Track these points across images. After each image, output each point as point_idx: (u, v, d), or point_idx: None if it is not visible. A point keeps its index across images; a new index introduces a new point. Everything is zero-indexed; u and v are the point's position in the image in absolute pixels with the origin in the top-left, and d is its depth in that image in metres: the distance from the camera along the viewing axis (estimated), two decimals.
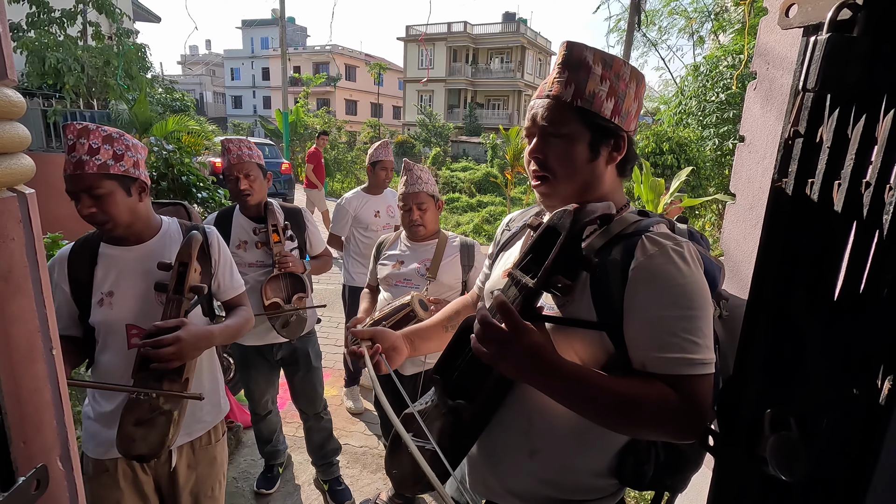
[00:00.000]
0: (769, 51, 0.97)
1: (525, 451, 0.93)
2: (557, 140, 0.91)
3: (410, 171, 2.01)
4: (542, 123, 0.91)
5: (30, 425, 0.64)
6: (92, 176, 1.23)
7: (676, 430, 0.77)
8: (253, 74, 39.03)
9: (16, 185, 0.64)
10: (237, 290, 1.58)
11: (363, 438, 2.85)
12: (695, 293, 0.79)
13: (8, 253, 0.61)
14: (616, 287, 0.82)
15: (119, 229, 1.32)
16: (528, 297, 0.81)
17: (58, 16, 6.54)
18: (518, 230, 1.08)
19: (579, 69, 0.88)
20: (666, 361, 0.77)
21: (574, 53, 0.89)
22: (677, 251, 0.80)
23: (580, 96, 0.88)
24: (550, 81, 0.92)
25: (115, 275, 1.34)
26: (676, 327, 0.77)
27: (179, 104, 10.67)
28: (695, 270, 0.80)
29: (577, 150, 0.90)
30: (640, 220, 0.87)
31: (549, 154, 0.92)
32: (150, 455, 1.18)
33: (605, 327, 0.83)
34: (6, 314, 0.61)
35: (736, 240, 1.13)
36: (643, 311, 0.80)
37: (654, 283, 0.79)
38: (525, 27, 30.34)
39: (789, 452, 0.61)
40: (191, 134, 5.91)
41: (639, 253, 0.81)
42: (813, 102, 0.53)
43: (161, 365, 1.19)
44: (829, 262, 0.59)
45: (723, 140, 7.03)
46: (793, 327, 0.62)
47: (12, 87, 0.63)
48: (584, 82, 0.88)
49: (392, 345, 1.10)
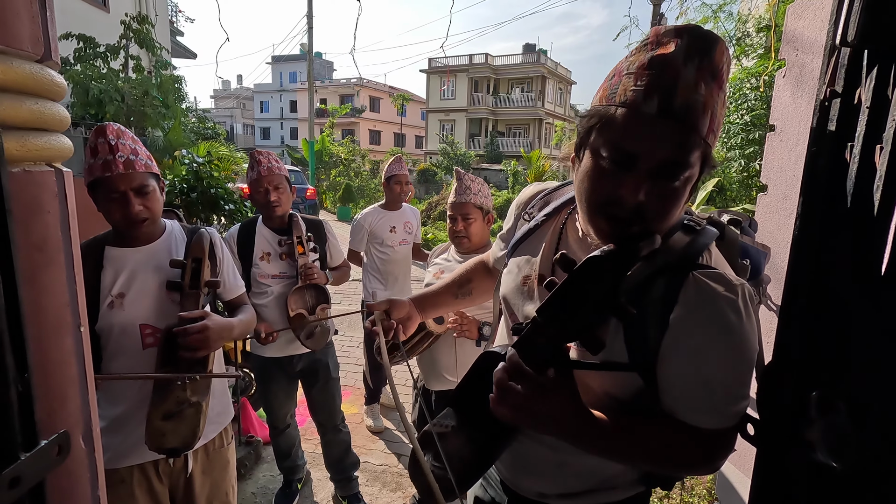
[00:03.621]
0: (797, 37, 0.95)
1: (552, 463, 0.90)
2: (674, 186, 0.68)
3: (460, 181, 1.98)
4: (666, 156, 0.66)
5: (55, 398, 0.64)
6: (142, 174, 1.28)
7: (699, 472, 0.79)
8: (281, 107, 40.61)
9: (54, 161, 0.67)
10: (240, 290, 1.61)
11: (383, 457, 2.79)
12: (742, 350, 0.70)
13: (43, 224, 0.63)
14: (654, 330, 0.73)
15: (152, 226, 1.36)
16: (555, 349, 0.69)
17: (102, 50, 6.98)
18: (540, 224, 0.95)
19: (714, 79, 0.65)
20: (699, 417, 0.73)
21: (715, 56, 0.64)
22: (729, 300, 0.69)
23: (712, 130, 0.67)
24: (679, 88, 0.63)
25: (125, 276, 1.34)
26: (716, 385, 0.71)
27: (211, 132, 11.13)
28: (745, 323, 0.70)
29: (683, 200, 0.71)
30: (688, 244, 0.73)
31: (660, 204, 0.68)
32: (182, 448, 1.18)
33: (636, 369, 0.75)
34: (39, 284, 0.62)
35: (770, 231, 1.09)
36: (682, 364, 0.72)
37: (699, 337, 0.70)
38: (545, 57, 30.88)
39: (839, 438, 0.57)
40: (220, 159, 6.12)
41: (683, 298, 0.70)
42: (850, 60, 0.52)
43: (189, 354, 1.20)
44: (873, 232, 0.56)
45: (749, 161, 6.92)
46: (837, 303, 0.58)
47: (56, 70, 0.66)
48: (715, 107, 0.66)
49: (406, 315, 1.11)
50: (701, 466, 0.77)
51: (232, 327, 1.38)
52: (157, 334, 1.31)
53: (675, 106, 0.63)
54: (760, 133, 6.82)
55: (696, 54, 0.63)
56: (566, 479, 0.90)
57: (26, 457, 0.51)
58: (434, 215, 11.54)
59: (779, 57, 1.00)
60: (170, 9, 12.99)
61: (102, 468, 0.77)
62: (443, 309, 1.22)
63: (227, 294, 1.57)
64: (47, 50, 0.63)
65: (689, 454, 0.74)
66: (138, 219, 1.30)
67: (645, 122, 0.65)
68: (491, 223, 2.01)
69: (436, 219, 11.31)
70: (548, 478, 0.92)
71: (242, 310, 1.56)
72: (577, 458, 0.87)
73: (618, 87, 0.69)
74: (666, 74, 0.64)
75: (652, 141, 0.66)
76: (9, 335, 0.49)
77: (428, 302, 1.20)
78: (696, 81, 0.63)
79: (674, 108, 0.63)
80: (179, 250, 1.41)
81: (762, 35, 8.31)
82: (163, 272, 1.36)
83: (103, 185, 1.26)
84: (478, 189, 1.96)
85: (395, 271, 3.03)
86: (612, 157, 0.69)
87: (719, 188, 6.74)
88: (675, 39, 0.64)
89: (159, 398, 1.21)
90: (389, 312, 1.10)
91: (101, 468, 0.76)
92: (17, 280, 0.50)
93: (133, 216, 1.28)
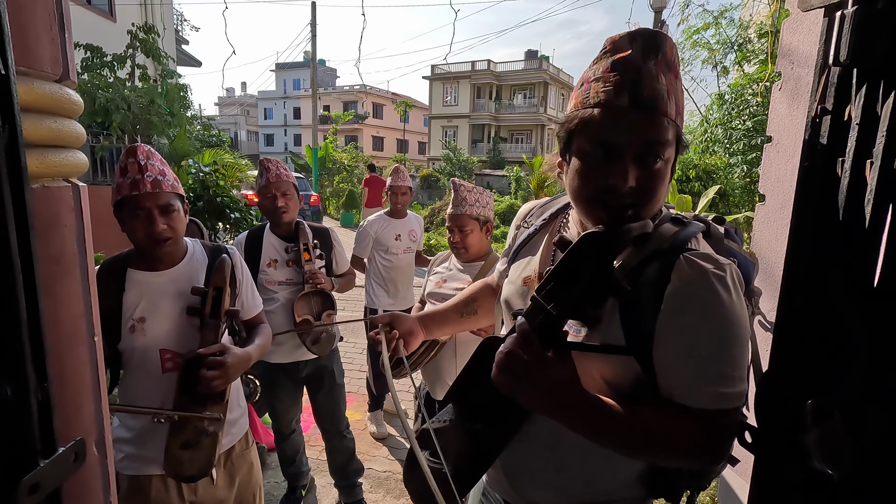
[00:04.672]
0: (793, 51, 0.97)
1: (551, 468, 0.89)
2: (658, 166, 0.75)
3: (456, 192, 1.98)
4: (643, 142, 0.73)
5: (70, 406, 0.66)
6: (169, 194, 1.31)
7: (701, 462, 0.77)
8: (285, 114, 40.83)
9: (70, 176, 0.69)
10: (258, 309, 1.64)
11: (387, 463, 2.79)
12: (733, 324, 0.74)
13: (60, 237, 0.65)
14: (649, 311, 0.75)
15: (175, 245, 1.37)
16: (553, 326, 0.74)
17: (109, 60, 7.05)
18: (538, 228, 1.00)
19: (671, 68, 0.74)
20: (696, 396, 0.74)
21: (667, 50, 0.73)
22: (718, 276, 0.73)
23: (679, 112, 0.76)
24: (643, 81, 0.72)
25: (147, 301, 1.35)
26: (710, 361, 0.73)
27: (216, 140, 11.23)
28: (735, 299, 0.74)
29: (666, 181, 0.77)
30: (677, 233, 0.79)
31: (649, 185, 0.75)
32: (198, 475, 1.23)
33: (633, 352, 0.77)
34: (55, 295, 0.64)
35: (767, 240, 1.10)
36: (676, 342, 0.74)
37: (691, 313, 0.73)
38: (547, 64, 31.01)
39: (835, 445, 0.58)
40: (225, 167, 6.19)
41: (675, 276, 0.74)
42: (839, 78, 0.53)
43: (208, 389, 1.23)
44: (864, 244, 0.57)
45: (751, 167, 6.92)
46: (831, 313, 0.60)
47: (73, 88, 0.69)
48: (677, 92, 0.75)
49: (409, 329, 1.11)
50: (702, 452, 0.75)
51: (250, 357, 1.41)
52: (177, 359, 1.34)
53: (644, 97, 0.72)
54: (763, 139, 6.83)
55: (652, 51, 0.73)
56: (565, 488, 0.89)
57: (45, 463, 0.53)
58: (437, 221, 11.58)
59: (775, 70, 1.02)
60: (175, 18, 13.13)
61: (114, 475, 0.79)
62: (448, 328, 1.23)
63: (246, 314, 1.59)
64: (65, 70, 0.66)
65: (689, 438, 0.74)
66: (162, 237, 1.31)
67: (621, 115, 0.73)
68: (490, 231, 2.01)
69: (438, 225, 11.34)
70: (547, 486, 0.91)
71: (260, 330, 1.58)
72: (576, 461, 0.87)
73: (589, 92, 0.77)
74: (630, 72, 0.73)
75: (631, 129, 0.73)
76: (30, 346, 0.51)
77: (433, 320, 1.21)
78: (657, 74, 0.73)
79: (643, 99, 0.72)
80: (200, 275, 1.43)
81: (763, 41, 8.33)
82: (184, 298, 1.37)
83: (130, 203, 1.29)
84: (474, 200, 1.96)
85: (398, 278, 3.06)
86: (599, 151, 0.76)
87: (722, 194, 6.75)
88: (631, 43, 0.74)
89: (178, 428, 1.25)
90: (392, 325, 1.11)
91: (112, 475, 0.78)
92: (38, 292, 0.52)
93: (157, 234, 1.30)
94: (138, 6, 9.97)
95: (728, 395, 0.73)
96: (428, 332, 1.16)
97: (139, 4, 10.11)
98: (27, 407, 0.51)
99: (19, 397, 0.50)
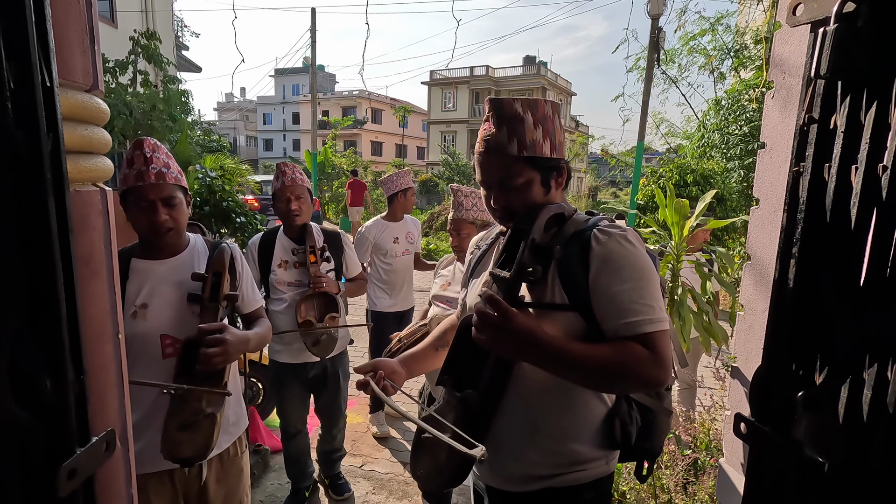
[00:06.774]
0: (784, 61, 1.01)
1: (527, 432, 1.06)
2: (515, 190, 1.04)
3: (455, 198, 2.08)
4: (497, 178, 1.05)
5: (96, 400, 0.69)
6: (172, 186, 1.35)
7: (651, 380, 0.93)
8: (284, 119, 40.92)
9: (99, 181, 0.72)
10: (258, 304, 1.66)
11: (389, 465, 2.82)
12: (643, 266, 0.97)
13: (89, 240, 0.69)
14: (580, 273, 0.98)
15: (177, 237, 1.41)
16: (510, 288, 0.99)
17: (111, 66, 7.10)
18: (487, 248, 1.24)
19: (514, 121, 1.02)
20: (632, 325, 0.94)
21: (505, 108, 1.03)
22: (623, 236, 0.99)
23: (524, 147, 1.02)
24: (493, 137, 1.03)
25: (148, 287, 1.39)
26: (634, 296, 0.95)
27: (216, 145, 11.27)
28: (639, 248, 1.00)
29: (534, 192, 1.05)
30: (589, 219, 1.05)
31: (511, 202, 1.06)
32: (196, 457, 1.22)
33: (576, 308, 0.99)
34: (85, 294, 0.67)
35: (762, 242, 1.14)
36: (606, 289, 0.96)
37: (611, 265, 0.96)
38: (545, 69, 31.18)
39: (825, 434, 0.61)
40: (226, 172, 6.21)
41: (594, 243, 0.98)
42: (825, 89, 0.57)
43: (207, 366, 1.24)
44: (851, 246, 0.61)
45: (748, 171, 6.99)
46: (820, 311, 0.63)
47: (101, 97, 0.72)
48: (523, 133, 1.01)
49: (391, 370, 1.19)
50: (652, 368, 0.92)
51: (248, 340, 1.43)
52: (177, 345, 1.36)
53: (490, 146, 1.04)
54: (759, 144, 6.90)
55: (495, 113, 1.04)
56: (539, 450, 1.05)
57: (81, 451, 0.56)
58: (436, 226, 11.60)
59: (768, 79, 1.06)
60: (175, 24, 13.21)
61: (134, 467, 0.82)
62: (427, 363, 1.33)
63: (245, 307, 1.62)
64: (95, 80, 0.69)
65: (637, 358, 0.92)
66: (164, 228, 1.35)
67: (482, 161, 1.08)
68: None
69: (437, 229, 11.37)
70: (522, 457, 1.06)
71: (259, 323, 1.61)
72: (545, 420, 1.05)
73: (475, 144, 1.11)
74: (486, 132, 1.06)
75: (486, 170, 1.07)
76: (69, 341, 0.54)
77: (413, 359, 1.31)
78: (499, 127, 1.03)
79: (490, 148, 1.05)
80: (202, 264, 1.46)
81: (759, 47, 8.41)
82: (185, 285, 1.41)
83: (134, 193, 1.33)
84: (471, 204, 2.06)
85: (397, 281, 3.12)
86: (481, 184, 1.11)
87: (719, 198, 6.80)
88: (488, 113, 1.06)
89: (176, 408, 1.25)
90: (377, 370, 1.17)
91: (133, 467, 0.81)
92: (75, 292, 0.56)
93: (159, 225, 1.34)
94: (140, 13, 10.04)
95: (654, 320, 0.94)
96: (409, 371, 1.25)
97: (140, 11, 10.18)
98: (65, 398, 0.54)
99: (58, 389, 0.54)
